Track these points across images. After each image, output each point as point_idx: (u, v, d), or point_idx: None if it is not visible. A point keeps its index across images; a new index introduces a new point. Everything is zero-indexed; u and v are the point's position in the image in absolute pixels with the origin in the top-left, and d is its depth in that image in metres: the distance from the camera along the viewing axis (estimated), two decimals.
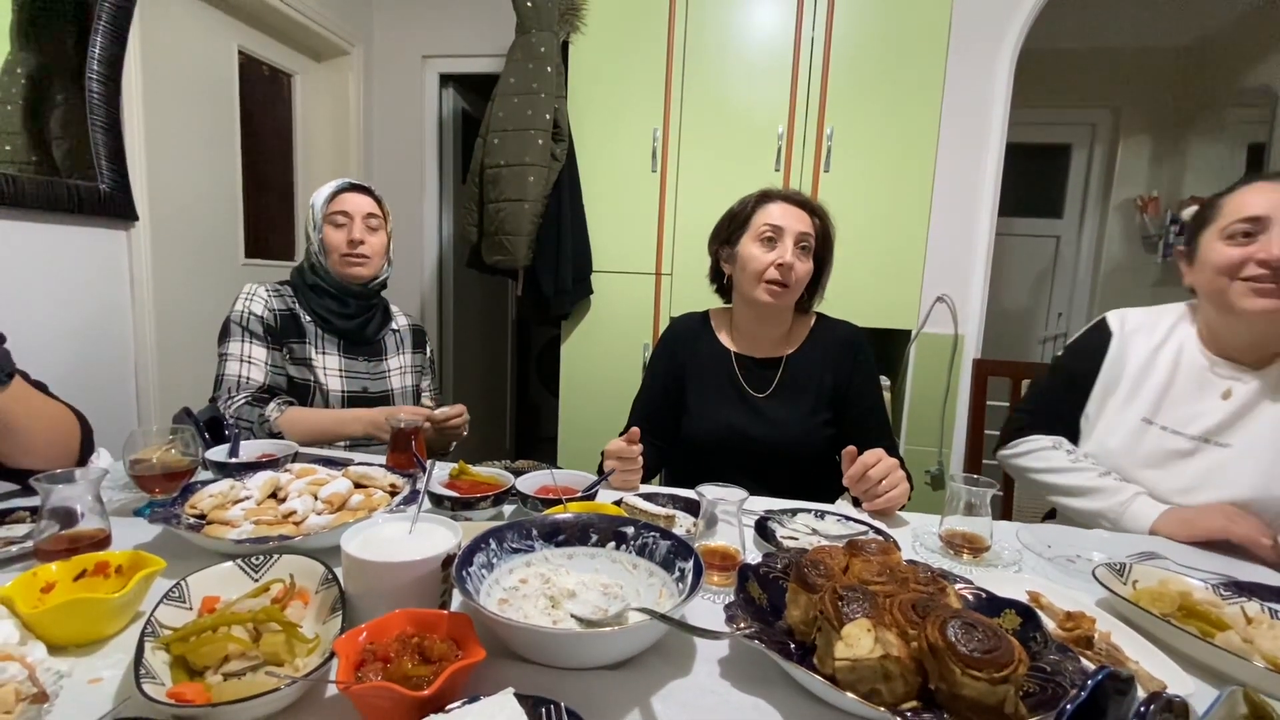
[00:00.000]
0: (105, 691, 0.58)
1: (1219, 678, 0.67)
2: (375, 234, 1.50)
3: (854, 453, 1.09)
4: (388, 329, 1.60)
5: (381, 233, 1.52)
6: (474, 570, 0.70)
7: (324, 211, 1.46)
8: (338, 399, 1.47)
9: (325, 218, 1.46)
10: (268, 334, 1.42)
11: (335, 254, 1.46)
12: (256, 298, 1.43)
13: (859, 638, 0.56)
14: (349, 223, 1.46)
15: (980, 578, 0.78)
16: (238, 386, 1.37)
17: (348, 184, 1.49)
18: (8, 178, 1.49)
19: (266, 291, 1.46)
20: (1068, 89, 3.52)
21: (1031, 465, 1.26)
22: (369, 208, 1.49)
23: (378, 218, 1.51)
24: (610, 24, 2.25)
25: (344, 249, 1.45)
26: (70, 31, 1.65)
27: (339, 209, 1.46)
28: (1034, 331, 3.84)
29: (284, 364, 1.44)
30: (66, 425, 1.03)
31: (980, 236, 2.41)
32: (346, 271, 1.46)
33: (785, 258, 1.28)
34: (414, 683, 0.53)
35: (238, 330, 1.40)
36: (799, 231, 1.30)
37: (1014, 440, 1.30)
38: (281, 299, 1.47)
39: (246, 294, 1.44)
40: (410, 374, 1.62)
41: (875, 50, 2.13)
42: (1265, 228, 1.06)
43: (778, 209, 1.32)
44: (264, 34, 2.47)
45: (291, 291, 1.50)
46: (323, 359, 1.47)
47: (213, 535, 0.81)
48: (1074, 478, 1.18)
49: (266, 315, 1.43)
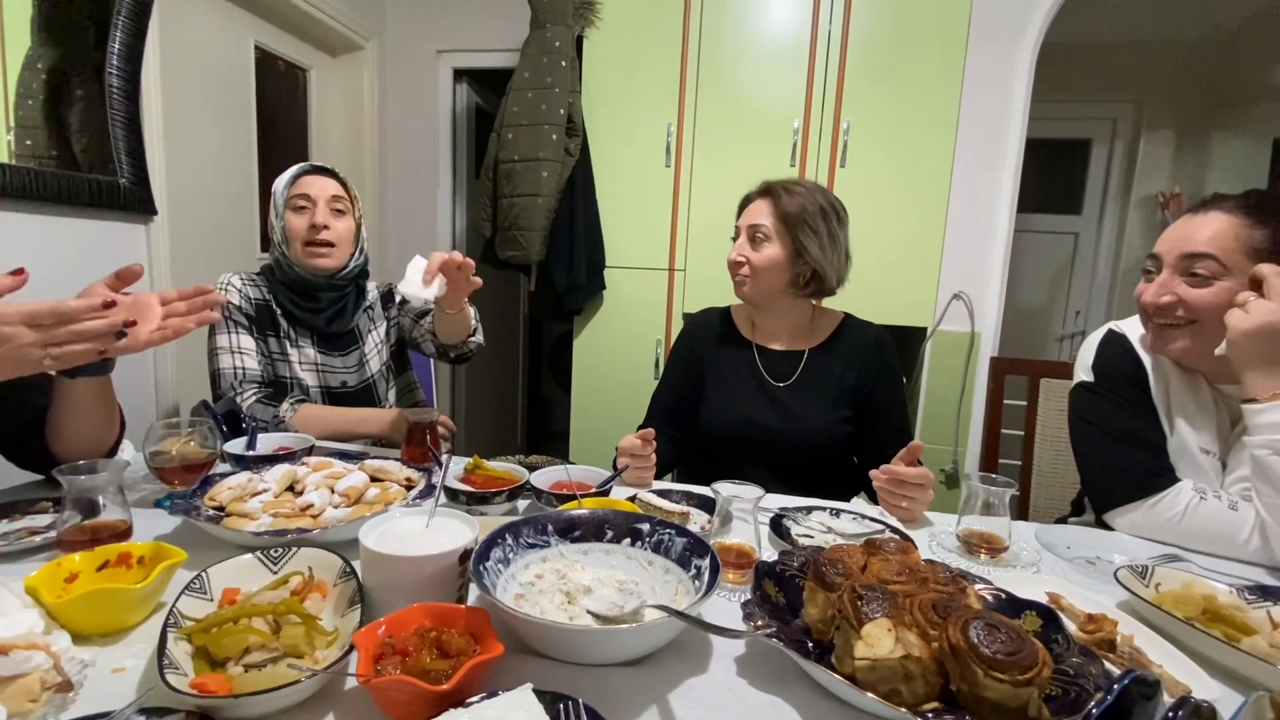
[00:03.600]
0: (129, 681, 0.58)
1: (1244, 683, 0.65)
2: (341, 219, 1.40)
3: (919, 450, 1.06)
4: (360, 312, 1.50)
5: (348, 217, 1.42)
6: (491, 565, 0.70)
7: (285, 196, 1.38)
8: (317, 395, 1.43)
9: (286, 203, 1.38)
10: (250, 322, 1.39)
11: (297, 242, 1.37)
12: (231, 288, 1.39)
13: (879, 637, 0.56)
14: (311, 207, 1.37)
15: (999, 578, 0.77)
16: (236, 379, 1.34)
17: (310, 166, 1.41)
18: (29, 172, 1.51)
19: (241, 280, 1.41)
20: (1089, 83, 3.46)
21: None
22: (334, 190, 1.39)
23: (344, 200, 1.41)
24: (625, 18, 2.24)
25: (306, 235, 1.36)
26: (90, 27, 1.66)
27: (300, 192, 1.37)
28: (1052, 330, 3.80)
29: (270, 355, 1.41)
30: (117, 419, 1.04)
31: (998, 233, 2.38)
32: (310, 263, 1.37)
33: (732, 255, 1.33)
34: (433, 677, 0.53)
35: (221, 322, 1.36)
36: (750, 225, 1.32)
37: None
38: (257, 288, 1.42)
39: (222, 285, 1.38)
40: (386, 347, 1.55)
41: (893, 43, 2.10)
42: (1159, 267, 1.04)
43: (749, 207, 1.36)
44: (280, 29, 2.48)
45: (265, 282, 1.44)
46: (298, 353, 1.43)
47: (232, 527, 0.82)
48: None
49: (244, 305, 1.39)
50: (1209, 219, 1.00)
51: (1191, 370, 1.08)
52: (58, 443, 0.97)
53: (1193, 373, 1.08)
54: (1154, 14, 3.18)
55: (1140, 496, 1.03)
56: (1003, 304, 2.43)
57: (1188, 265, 1.00)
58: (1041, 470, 1.67)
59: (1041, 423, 1.67)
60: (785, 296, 1.35)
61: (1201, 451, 1.05)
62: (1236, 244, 0.97)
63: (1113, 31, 3.30)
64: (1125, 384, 1.12)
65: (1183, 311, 1.01)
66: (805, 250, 1.28)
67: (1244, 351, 0.94)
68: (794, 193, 1.29)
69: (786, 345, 1.40)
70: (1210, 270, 0.98)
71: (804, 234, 1.28)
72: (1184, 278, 1.01)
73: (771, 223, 1.30)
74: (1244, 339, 0.93)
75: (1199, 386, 1.07)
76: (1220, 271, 0.98)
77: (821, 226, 1.28)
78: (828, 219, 1.29)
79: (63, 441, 0.96)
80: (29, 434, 0.96)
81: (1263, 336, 0.91)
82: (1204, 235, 0.99)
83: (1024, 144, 2.34)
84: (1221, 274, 0.98)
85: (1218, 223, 0.99)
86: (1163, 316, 1.03)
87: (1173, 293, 1.01)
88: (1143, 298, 1.06)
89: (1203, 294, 0.99)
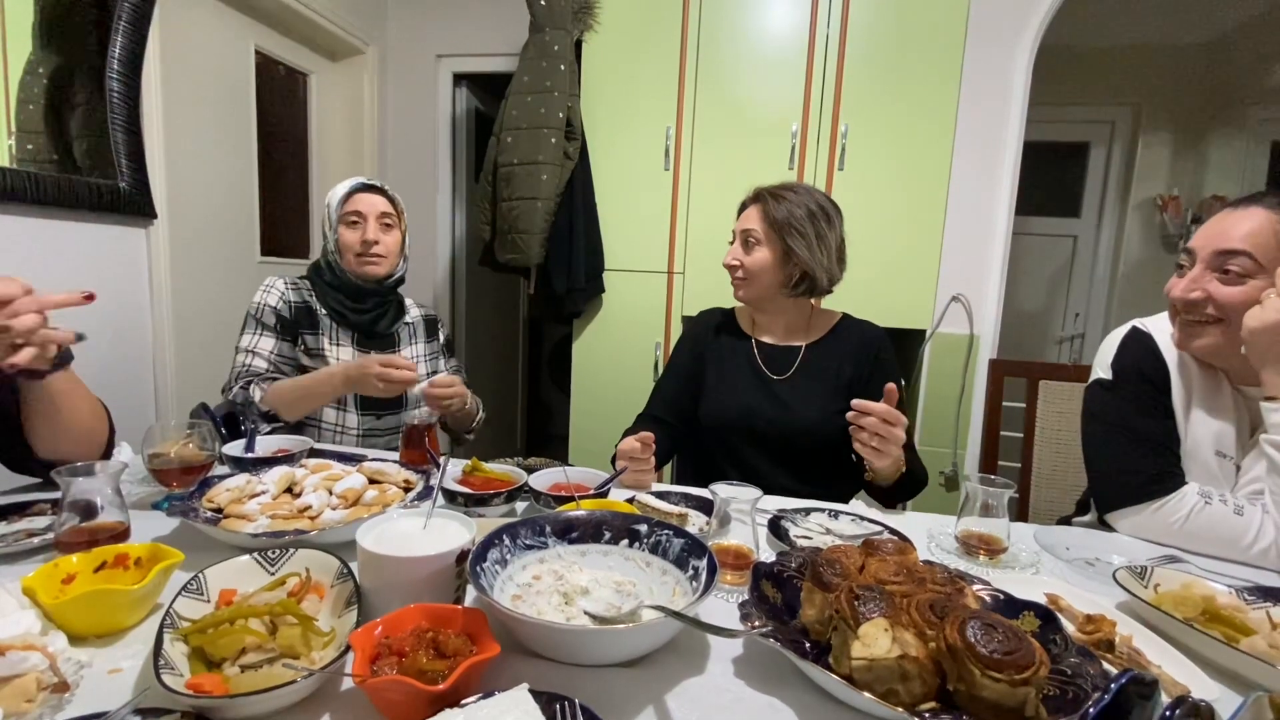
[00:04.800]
0: (125, 682, 0.58)
1: (1243, 683, 0.65)
2: (389, 232, 1.51)
3: (894, 394, 1.07)
4: (401, 322, 1.61)
5: (395, 231, 1.54)
6: (488, 566, 0.70)
7: (339, 212, 1.49)
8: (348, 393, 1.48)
9: (340, 218, 1.48)
10: (279, 324, 1.46)
11: (350, 253, 1.48)
12: (273, 289, 1.48)
13: (876, 637, 0.55)
14: (363, 223, 1.48)
15: (997, 579, 0.77)
16: (236, 375, 1.41)
17: (361, 184, 1.51)
18: (30, 175, 1.52)
19: (284, 284, 1.50)
20: (1087, 86, 3.47)
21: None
22: (383, 207, 1.50)
23: (392, 216, 1.52)
24: (623, 22, 2.25)
25: (359, 249, 1.47)
26: (91, 31, 1.67)
27: (353, 209, 1.48)
28: (1051, 332, 3.80)
29: (297, 354, 1.47)
30: (102, 418, 1.04)
31: (997, 235, 2.39)
32: (362, 270, 1.49)
33: (727, 259, 1.38)
34: (429, 677, 0.53)
35: (251, 323, 1.45)
36: (742, 230, 1.37)
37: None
38: (299, 292, 1.50)
39: (265, 287, 1.48)
40: (424, 362, 1.63)
41: (891, 47, 2.11)
42: (1193, 261, 1.02)
43: (743, 213, 1.40)
44: (281, 34, 2.49)
45: (309, 285, 1.52)
46: (336, 350, 1.49)
47: (230, 529, 0.82)
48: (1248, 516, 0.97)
49: (280, 307, 1.46)
50: (1248, 214, 0.96)
51: (1215, 370, 1.06)
52: (41, 447, 0.97)
53: (1216, 373, 1.06)
54: (1152, 17, 3.19)
55: (1144, 500, 1.02)
56: (1001, 306, 2.43)
57: (1221, 262, 0.97)
58: (1041, 472, 1.67)
59: (1040, 425, 1.67)
60: (781, 296, 1.38)
61: (1217, 454, 1.03)
62: (1275, 241, 0.94)
63: (1110, 35, 3.31)
64: (1143, 383, 1.09)
65: (1212, 309, 0.98)
66: (793, 252, 1.32)
67: (1260, 349, 0.92)
68: (782, 198, 1.33)
69: (784, 340, 1.44)
70: (1244, 268, 0.95)
71: (791, 237, 1.32)
72: (1216, 274, 0.98)
73: (761, 228, 1.34)
74: (1257, 336, 0.91)
75: (1221, 388, 1.05)
76: (1254, 269, 0.95)
77: (809, 229, 1.32)
78: (815, 221, 1.33)
79: (44, 446, 0.97)
80: (5, 435, 0.96)
81: (1275, 333, 0.90)
82: (1240, 231, 0.96)
83: (1022, 147, 2.35)
84: (1256, 272, 0.95)
85: (1256, 219, 0.95)
86: (1191, 313, 1.01)
87: (1203, 289, 0.99)
88: (1172, 293, 1.03)
89: (1233, 292, 0.96)
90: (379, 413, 1.51)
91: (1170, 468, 1.04)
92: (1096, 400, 1.15)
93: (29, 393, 0.92)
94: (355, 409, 1.49)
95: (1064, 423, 1.65)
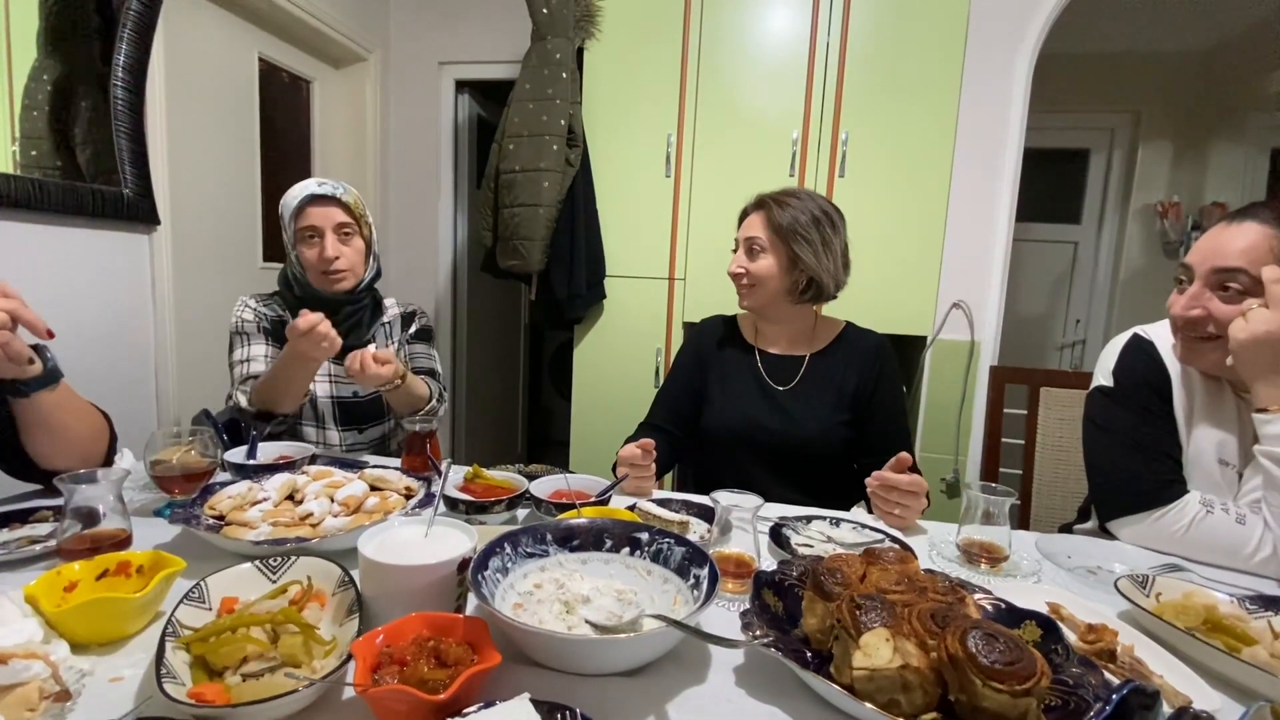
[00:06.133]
0: (126, 690, 0.58)
1: (1245, 693, 0.65)
2: (350, 241, 1.42)
3: (906, 461, 1.07)
4: (377, 325, 1.53)
5: (357, 238, 1.43)
6: (489, 574, 0.70)
7: (293, 230, 1.40)
8: (328, 405, 1.46)
9: (295, 235, 1.41)
10: (264, 331, 1.43)
11: (314, 271, 1.41)
12: (246, 308, 1.44)
13: (877, 647, 0.55)
14: (320, 239, 1.39)
15: (999, 588, 0.77)
16: (238, 384, 1.38)
17: (310, 196, 1.39)
18: (34, 182, 1.52)
19: (255, 301, 1.46)
20: (1086, 93, 3.48)
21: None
22: (339, 217, 1.39)
23: (350, 224, 1.41)
24: (625, 30, 2.26)
25: (321, 266, 1.39)
26: (95, 39, 1.68)
27: (307, 225, 1.38)
28: (1051, 338, 3.80)
29: None
30: (101, 427, 1.04)
31: (997, 242, 2.39)
32: (328, 288, 1.42)
33: (731, 267, 1.38)
34: (430, 686, 0.53)
35: (237, 338, 1.43)
36: (746, 237, 1.36)
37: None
38: (270, 307, 1.47)
39: (239, 306, 1.45)
40: (401, 353, 1.56)
41: (891, 54, 2.12)
42: (1191, 277, 1.01)
43: (745, 220, 1.40)
44: (284, 41, 2.50)
45: (280, 300, 1.48)
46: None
47: (231, 536, 0.82)
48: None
49: (259, 320, 1.44)
50: (1243, 230, 0.96)
51: (1218, 380, 1.05)
52: (38, 460, 0.97)
53: (1219, 382, 1.05)
54: (1151, 24, 3.21)
55: (1146, 508, 1.02)
56: (1002, 313, 2.43)
57: (1220, 279, 0.97)
58: (1042, 479, 1.67)
59: (1042, 432, 1.67)
60: (786, 304, 1.38)
61: (1220, 463, 1.03)
62: (1271, 257, 0.93)
63: (1110, 42, 3.32)
64: (1145, 391, 1.09)
65: (1213, 327, 0.98)
66: (799, 258, 1.31)
67: (1247, 362, 0.92)
68: (786, 204, 1.33)
69: (788, 350, 1.43)
70: (1242, 285, 0.95)
71: (797, 243, 1.31)
72: (1215, 291, 0.98)
73: (766, 234, 1.33)
74: (1243, 349, 0.92)
75: (1224, 396, 1.04)
76: (1252, 285, 0.94)
77: (814, 235, 1.31)
78: (820, 227, 1.32)
79: (41, 460, 0.97)
80: (5, 443, 0.96)
81: (1260, 346, 0.90)
82: (1236, 248, 0.95)
83: (1022, 153, 2.35)
84: (1254, 288, 0.94)
85: (1252, 234, 0.95)
86: (1193, 330, 1.01)
87: (1203, 307, 0.98)
88: (1173, 309, 1.03)
89: (1233, 310, 0.95)
90: (360, 426, 1.49)
91: (1172, 476, 1.04)
92: (1098, 407, 1.15)
93: (18, 409, 0.92)
94: (335, 426, 1.46)
95: (1065, 429, 1.65)
